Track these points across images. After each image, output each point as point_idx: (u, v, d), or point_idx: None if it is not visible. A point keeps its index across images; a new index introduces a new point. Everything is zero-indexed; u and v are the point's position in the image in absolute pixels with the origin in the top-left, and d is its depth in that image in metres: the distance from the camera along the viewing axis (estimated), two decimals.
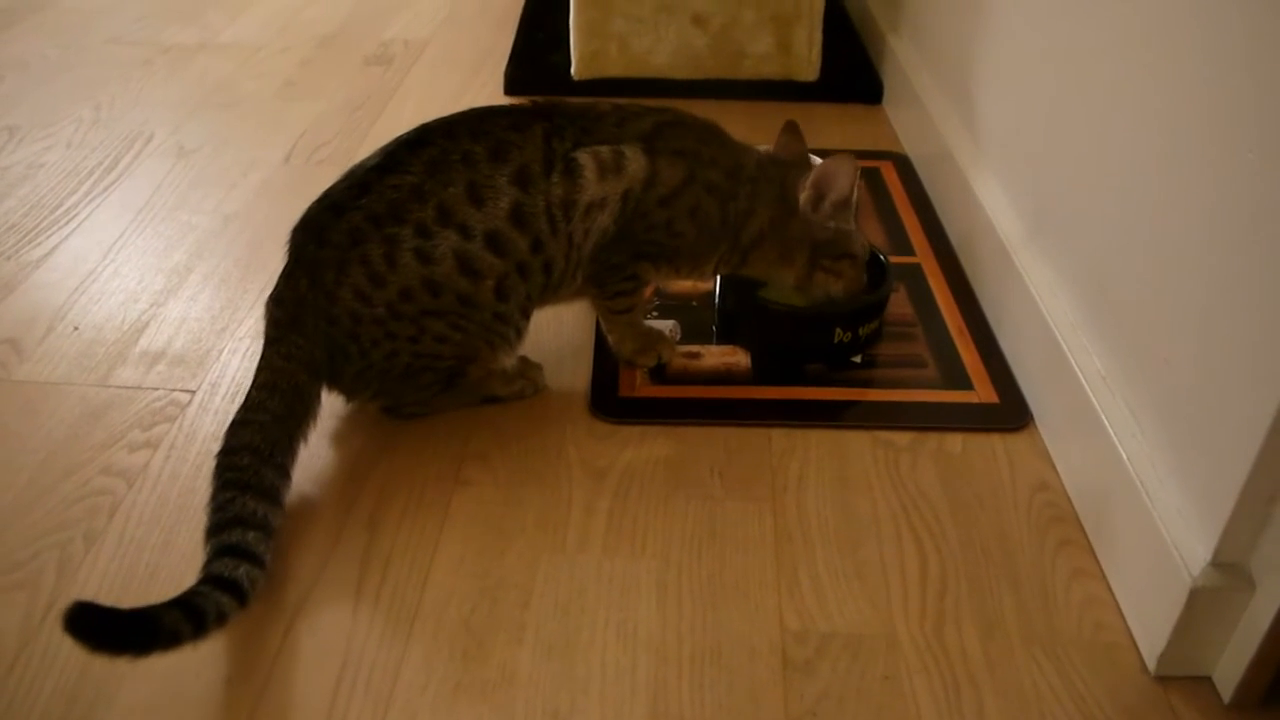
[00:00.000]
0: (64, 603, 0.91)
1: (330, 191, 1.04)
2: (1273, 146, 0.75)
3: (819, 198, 1.11)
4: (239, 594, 0.86)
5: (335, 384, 1.06)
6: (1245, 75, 0.79)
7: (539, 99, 1.10)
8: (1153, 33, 0.94)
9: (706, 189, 1.09)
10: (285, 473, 0.97)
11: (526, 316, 1.09)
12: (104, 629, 0.79)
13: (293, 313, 1.02)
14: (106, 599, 0.92)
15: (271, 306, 1.04)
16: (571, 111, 1.08)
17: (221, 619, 0.84)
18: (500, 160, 1.02)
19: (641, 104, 1.11)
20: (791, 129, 1.18)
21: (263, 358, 1.02)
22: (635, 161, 1.06)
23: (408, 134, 1.05)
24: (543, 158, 1.03)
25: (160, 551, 0.97)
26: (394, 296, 1.01)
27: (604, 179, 1.04)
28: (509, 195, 1.01)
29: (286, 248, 1.04)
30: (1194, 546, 0.83)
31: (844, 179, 1.09)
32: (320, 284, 1.00)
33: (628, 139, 1.06)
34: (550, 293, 1.10)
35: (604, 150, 1.05)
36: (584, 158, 1.04)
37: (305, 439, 1.01)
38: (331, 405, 1.08)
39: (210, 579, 0.86)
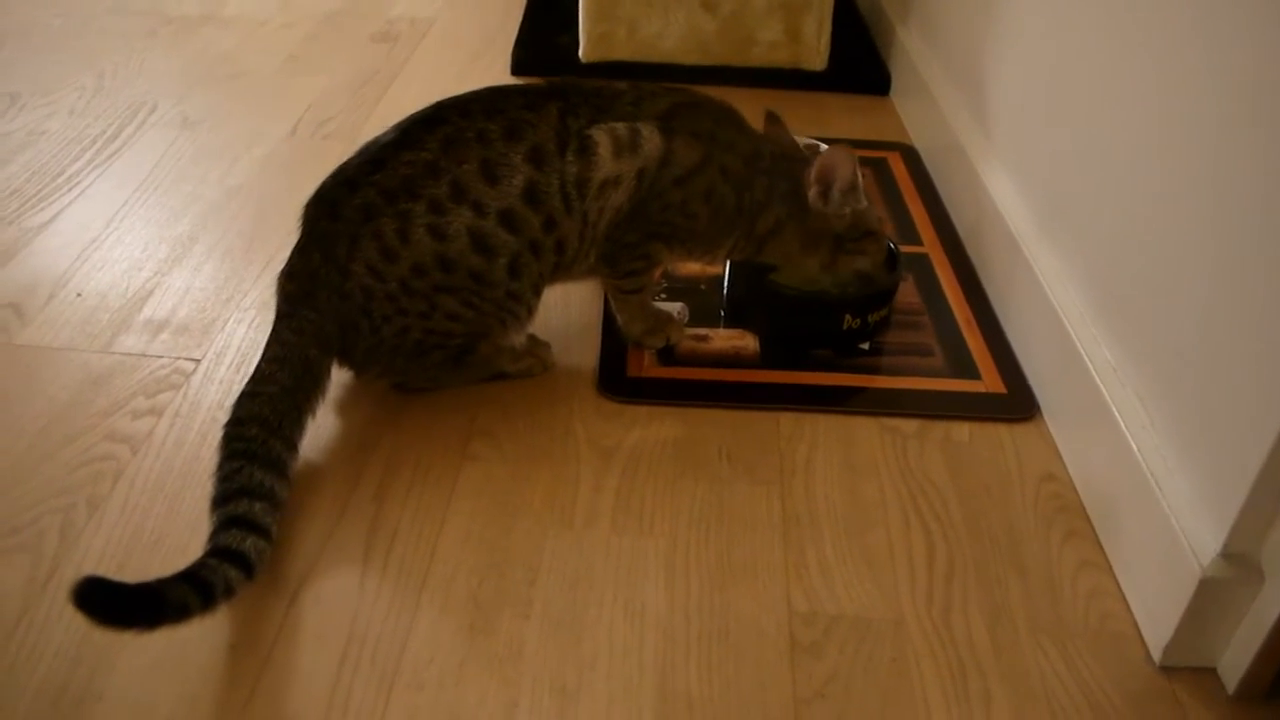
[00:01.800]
0: (67, 567, 0.91)
1: (344, 167, 1.03)
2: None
3: (825, 189, 1.11)
4: (246, 567, 0.85)
5: (345, 359, 1.05)
6: (1253, 65, 0.79)
7: (554, 79, 1.09)
8: (1162, 25, 0.94)
9: (722, 173, 1.09)
10: (293, 446, 0.97)
11: (538, 294, 1.09)
12: (112, 603, 0.78)
13: (305, 287, 1.01)
14: (109, 565, 0.91)
15: (283, 280, 1.03)
16: (587, 90, 1.07)
17: (229, 592, 0.83)
18: (515, 138, 1.01)
19: (659, 85, 1.11)
20: (773, 119, 1.18)
21: (273, 331, 1.01)
22: (651, 140, 1.05)
23: (422, 111, 1.04)
24: (557, 136, 1.02)
25: (164, 519, 0.96)
26: (406, 272, 1.00)
27: (619, 157, 1.04)
28: (523, 173, 1.01)
29: (299, 222, 1.03)
30: (1204, 537, 0.83)
31: (844, 166, 1.09)
32: (333, 258, 1.00)
33: (644, 118, 1.06)
34: (562, 271, 1.09)
35: (620, 127, 1.04)
36: (599, 135, 1.03)
37: (314, 413, 1.00)
38: (339, 376, 1.07)
39: (217, 551, 0.85)
